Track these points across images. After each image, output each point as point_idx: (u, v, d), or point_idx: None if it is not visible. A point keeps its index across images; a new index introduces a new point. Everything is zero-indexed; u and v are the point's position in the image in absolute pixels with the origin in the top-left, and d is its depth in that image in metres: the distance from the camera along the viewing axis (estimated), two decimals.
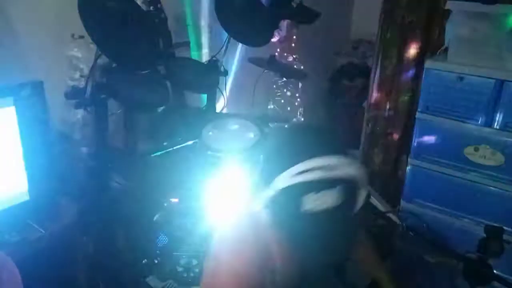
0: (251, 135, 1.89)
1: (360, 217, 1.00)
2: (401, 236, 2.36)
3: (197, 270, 1.73)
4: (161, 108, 1.97)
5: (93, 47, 1.57)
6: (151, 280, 1.77)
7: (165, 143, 1.96)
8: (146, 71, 1.71)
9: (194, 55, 2.24)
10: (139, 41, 1.62)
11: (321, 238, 0.91)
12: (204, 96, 2.16)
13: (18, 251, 1.45)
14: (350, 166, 0.93)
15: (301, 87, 2.62)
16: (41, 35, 1.69)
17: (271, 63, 2.23)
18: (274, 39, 2.25)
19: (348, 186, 0.93)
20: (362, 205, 0.95)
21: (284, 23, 2.50)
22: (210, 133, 1.90)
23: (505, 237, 1.39)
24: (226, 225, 1.19)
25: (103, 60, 1.61)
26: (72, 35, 1.68)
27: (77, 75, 1.73)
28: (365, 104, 2.90)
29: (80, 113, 1.76)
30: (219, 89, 2.01)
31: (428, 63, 2.06)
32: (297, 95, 2.62)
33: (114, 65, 1.64)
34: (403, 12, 2.48)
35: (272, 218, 0.99)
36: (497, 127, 1.93)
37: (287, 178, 0.92)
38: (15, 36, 1.65)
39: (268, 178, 0.98)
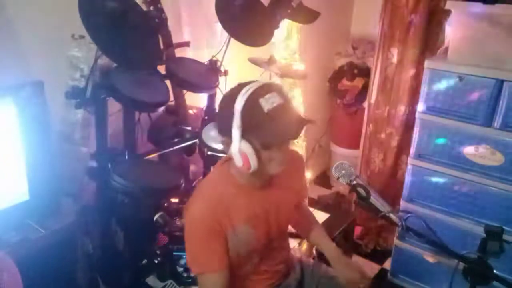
0: None
1: None
2: (401, 236, 2.37)
3: None
4: (161, 108, 1.97)
5: (93, 47, 1.57)
6: (151, 280, 1.77)
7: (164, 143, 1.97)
8: (146, 71, 1.71)
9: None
10: (139, 41, 1.62)
11: (283, 124, 1.21)
12: (204, 96, 2.16)
13: (18, 251, 1.45)
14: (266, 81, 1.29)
15: (301, 87, 2.62)
16: (41, 35, 1.69)
17: (271, 63, 2.23)
18: (274, 39, 2.25)
19: (278, 88, 1.25)
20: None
21: (284, 23, 2.50)
22: (210, 133, 1.90)
23: (505, 237, 1.39)
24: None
25: (103, 60, 1.61)
26: (72, 35, 1.68)
27: (77, 75, 1.72)
28: (365, 104, 2.90)
29: (80, 113, 1.76)
30: (219, 89, 2.01)
31: (428, 63, 2.07)
32: (297, 95, 2.62)
33: (114, 65, 1.64)
34: (403, 12, 2.48)
35: (244, 129, 1.20)
36: (497, 127, 1.93)
37: (240, 98, 1.19)
38: (15, 36, 1.65)
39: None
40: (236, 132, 1.20)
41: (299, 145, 2.62)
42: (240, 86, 1.23)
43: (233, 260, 1.37)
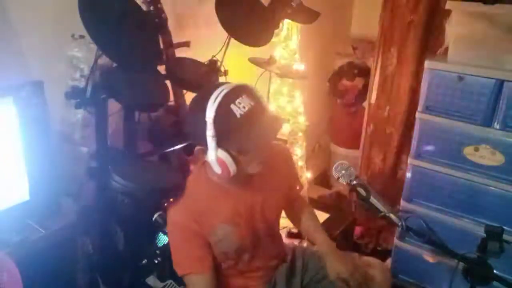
0: None
1: None
2: (401, 236, 2.37)
3: None
4: (161, 108, 1.97)
5: (93, 47, 1.57)
6: (151, 280, 1.77)
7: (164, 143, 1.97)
8: (146, 71, 1.71)
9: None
10: (139, 41, 1.62)
11: (257, 128, 1.19)
12: None
13: (18, 251, 1.45)
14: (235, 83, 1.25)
15: (301, 87, 2.62)
16: (41, 35, 1.69)
17: (271, 63, 2.23)
18: (274, 39, 2.25)
19: (248, 90, 1.22)
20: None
21: (284, 23, 2.50)
22: None
23: (505, 237, 1.39)
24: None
25: (103, 60, 1.61)
26: (72, 35, 1.68)
27: (77, 75, 1.72)
28: (365, 104, 2.90)
29: (80, 113, 1.76)
30: None
31: (428, 63, 2.07)
32: (297, 95, 2.62)
33: (114, 65, 1.64)
34: (403, 12, 2.48)
35: (219, 137, 1.18)
36: (497, 127, 1.93)
37: (210, 106, 1.17)
38: (15, 36, 1.65)
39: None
40: (211, 141, 1.18)
41: (299, 145, 2.62)
42: (209, 92, 1.20)
43: (222, 260, 1.38)
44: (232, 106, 1.17)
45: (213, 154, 1.20)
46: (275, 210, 1.49)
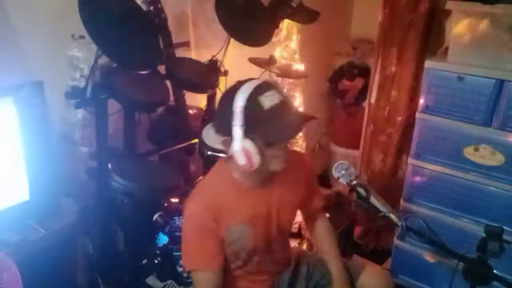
0: None
1: None
2: (401, 236, 2.37)
3: None
4: (161, 108, 1.97)
5: (93, 47, 1.58)
6: (151, 280, 1.77)
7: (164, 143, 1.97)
8: (146, 71, 1.71)
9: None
10: (139, 41, 1.62)
11: (283, 121, 1.22)
12: (204, 96, 2.16)
13: (18, 251, 1.45)
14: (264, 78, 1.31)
15: (301, 87, 2.62)
16: (41, 35, 1.70)
17: (271, 63, 2.23)
18: (274, 39, 2.25)
19: (276, 87, 1.26)
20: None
21: (284, 23, 2.50)
22: (210, 133, 1.90)
23: (505, 237, 1.39)
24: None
25: (103, 60, 1.61)
26: (72, 35, 1.68)
27: (77, 75, 1.73)
28: (365, 104, 2.90)
29: (80, 113, 1.76)
30: (219, 89, 2.01)
31: (428, 63, 2.06)
32: (297, 95, 2.62)
33: (114, 65, 1.64)
34: (403, 12, 2.48)
35: (245, 127, 1.20)
36: (497, 127, 1.93)
37: (240, 96, 1.19)
38: (15, 36, 1.65)
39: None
40: (237, 130, 1.20)
41: (299, 145, 2.62)
42: (239, 85, 1.23)
43: (231, 260, 1.37)
44: (261, 98, 1.20)
45: (239, 144, 1.22)
46: (289, 216, 1.50)
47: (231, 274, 1.43)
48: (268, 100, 1.20)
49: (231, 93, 1.23)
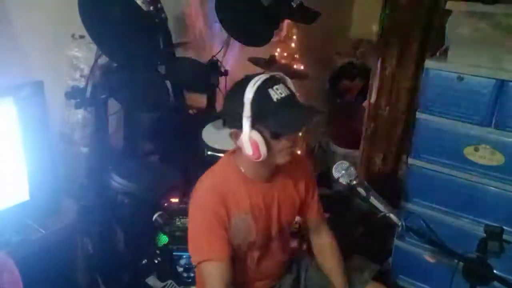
0: None
1: None
2: (401, 236, 2.37)
3: None
4: (161, 108, 1.97)
5: (93, 47, 1.58)
6: (151, 280, 1.77)
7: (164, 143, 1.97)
8: (146, 71, 1.71)
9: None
10: (139, 41, 1.62)
11: (292, 114, 1.25)
12: (204, 96, 2.16)
13: (18, 251, 1.45)
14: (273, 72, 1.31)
15: (301, 87, 2.62)
16: (41, 35, 1.70)
17: (271, 63, 2.23)
18: (274, 39, 2.25)
19: (285, 80, 1.31)
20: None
21: (284, 23, 2.51)
22: (210, 133, 1.90)
23: (505, 237, 1.39)
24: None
25: (103, 60, 1.61)
26: (72, 35, 1.68)
27: (77, 75, 1.73)
28: (365, 104, 2.90)
29: (80, 113, 1.76)
30: (219, 89, 2.01)
31: (428, 63, 2.06)
32: (297, 95, 2.62)
33: (114, 65, 1.64)
34: (403, 12, 2.48)
35: (254, 118, 1.22)
36: (497, 127, 1.92)
37: (250, 88, 1.21)
38: (15, 36, 1.65)
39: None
40: (246, 121, 1.22)
41: (299, 145, 2.62)
42: (248, 78, 1.25)
43: (234, 252, 1.37)
44: (270, 90, 1.23)
45: (247, 135, 1.24)
46: (289, 214, 1.51)
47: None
48: (277, 93, 1.23)
49: (240, 86, 1.25)
